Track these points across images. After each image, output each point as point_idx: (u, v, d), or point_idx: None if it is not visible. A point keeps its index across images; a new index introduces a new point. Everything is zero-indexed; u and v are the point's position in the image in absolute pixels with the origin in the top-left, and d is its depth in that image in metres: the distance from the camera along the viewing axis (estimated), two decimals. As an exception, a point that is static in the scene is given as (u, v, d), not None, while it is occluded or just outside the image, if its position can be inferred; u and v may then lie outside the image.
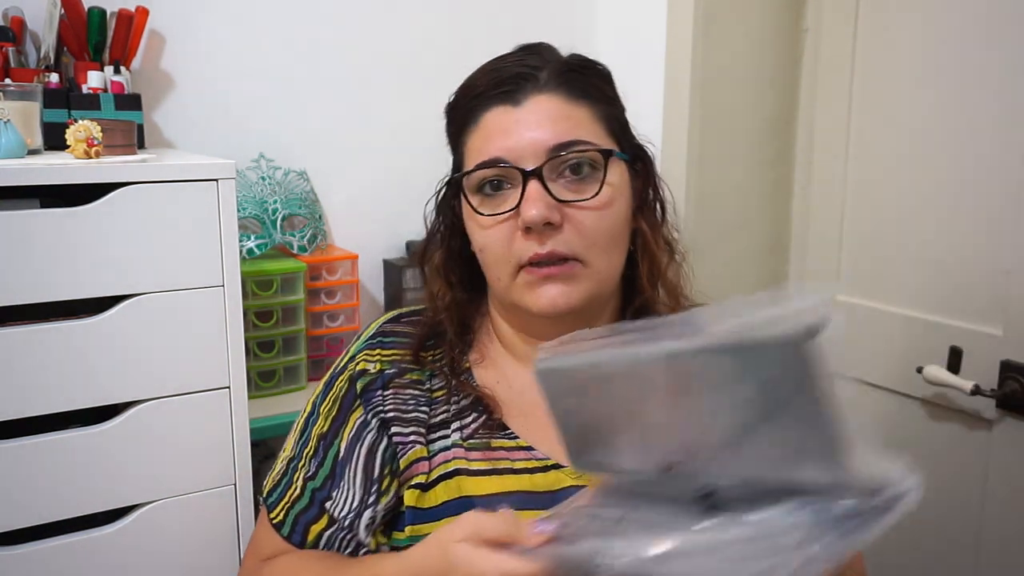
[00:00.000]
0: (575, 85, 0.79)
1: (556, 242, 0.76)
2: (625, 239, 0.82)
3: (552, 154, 0.76)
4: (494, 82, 0.79)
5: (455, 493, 0.80)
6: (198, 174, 1.00)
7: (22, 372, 0.92)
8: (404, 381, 0.85)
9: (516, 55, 0.81)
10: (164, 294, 0.99)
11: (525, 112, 0.77)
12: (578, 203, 0.76)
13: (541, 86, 0.78)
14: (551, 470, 0.81)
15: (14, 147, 0.96)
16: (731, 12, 1.57)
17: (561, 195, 0.76)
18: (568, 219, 0.76)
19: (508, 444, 0.82)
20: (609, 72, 0.84)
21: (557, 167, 0.77)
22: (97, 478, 0.97)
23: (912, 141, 1.46)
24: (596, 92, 0.81)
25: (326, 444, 0.85)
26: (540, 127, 0.76)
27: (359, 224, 1.56)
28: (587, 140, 0.77)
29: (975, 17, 1.35)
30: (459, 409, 0.84)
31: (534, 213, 0.74)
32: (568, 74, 0.79)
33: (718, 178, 1.62)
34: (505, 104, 0.78)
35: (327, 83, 1.50)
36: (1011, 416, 1.33)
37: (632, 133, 0.85)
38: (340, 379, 0.88)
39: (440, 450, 0.82)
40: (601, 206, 0.77)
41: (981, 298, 1.37)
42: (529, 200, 0.75)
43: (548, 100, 0.77)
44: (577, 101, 0.78)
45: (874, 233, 1.55)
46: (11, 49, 1.15)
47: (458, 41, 1.60)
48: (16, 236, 0.90)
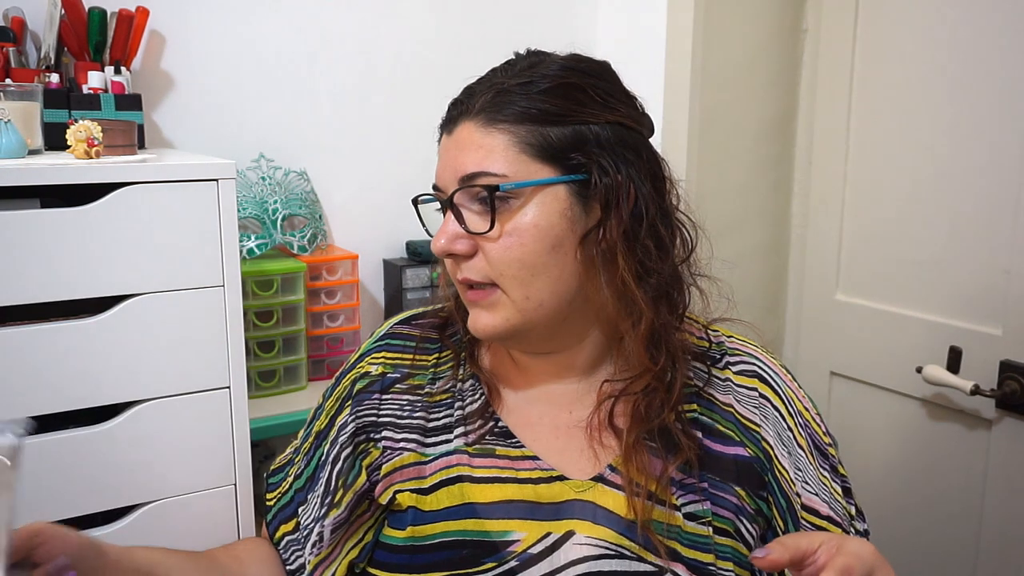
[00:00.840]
0: (501, 109, 0.75)
1: (467, 269, 0.78)
2: (560, 268, 0.76)
3: (461, 184, 0.76)
4: (446, 112, 0.81)
5: (458, 499, 0.80)
6: (198, 174, 1.00)
7: (22, 372, 0.92)
8: (404, 387, 0.86)
9: (487, 72, 0.81)
10: (164, 294, 0.99)
11: (452, 140, 0.79)
12: (479, 235, 0.76)
13: (469, 113, 0.77)
14: (555, 481, 0.80)
15: (14, 147, 0.96)
16: (731, 12, 1.57)
17: (472, 225, 0.77)
18: (480, 247, 0.77)
19: (513, 453, 0.82)
20: (577, 83, 0.77)
21: (471, 196, 0.77)
22: (97, 478, 0.97)
23: (912, 141, 1.46)
24: (529, 114, 0.75)
25: (318, 443, 0.88)
26: (458, 157, 0.77)
27: (359, 224, 1.56)
28: (491, 171, 0.75)
29: (975, 17, 1.35)
30: (464, 415, 0.84)
31: (436, 245, 0.78)
32: (499, 97, 0.76)
33: (718, 178, 1.62)
34: (445, 132, 0.81)
35: (327, 83, 1.50)
36: (1011, 416, 1.34)
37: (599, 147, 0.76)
38: (347, 378, 0.90)
39: (441, 455, 0.82)
40: (500, 238, 0.75)
41: (981, 298, 1.37)
42: (440, 231, 0.78)
43: (466, 128, 0.77)
44: (495, 127, 0.75)
45: (874, 233, 1.55)
46: (11, 49, 1.16)
47: (458, 41, 1.60)
48: (16, 236, 0.90)
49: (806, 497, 0.81)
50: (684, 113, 1.56)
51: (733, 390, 0.85)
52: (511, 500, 0.79)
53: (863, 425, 1.58)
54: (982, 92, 1.35)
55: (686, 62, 1.54)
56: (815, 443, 0.84)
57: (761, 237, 1.70)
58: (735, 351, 0.87)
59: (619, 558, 0.76)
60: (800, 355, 1.73)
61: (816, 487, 0.82)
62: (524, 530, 0.78)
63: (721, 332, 0.90)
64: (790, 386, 0.86)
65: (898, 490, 1.51)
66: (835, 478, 0.84)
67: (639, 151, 0.79)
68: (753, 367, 0.86)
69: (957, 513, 1.43)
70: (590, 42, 1.73)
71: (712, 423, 0.82)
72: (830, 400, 1.65)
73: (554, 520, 0.78)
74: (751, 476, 0.81)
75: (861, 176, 1.57)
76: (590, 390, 0.84)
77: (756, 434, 0.83)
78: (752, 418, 0.83)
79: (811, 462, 0.82)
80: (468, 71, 0.83)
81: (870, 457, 1.57)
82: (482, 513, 0.79)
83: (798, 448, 0.83)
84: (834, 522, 0.81)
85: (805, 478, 0.82)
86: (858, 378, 1.60)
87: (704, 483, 0.80)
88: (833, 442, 0.86)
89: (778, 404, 0.84)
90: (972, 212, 1.38)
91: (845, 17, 1.56)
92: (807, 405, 0.86)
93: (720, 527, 0.79)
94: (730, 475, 0.81)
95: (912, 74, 1.45)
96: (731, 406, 0.84)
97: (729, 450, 0.82)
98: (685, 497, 0.79)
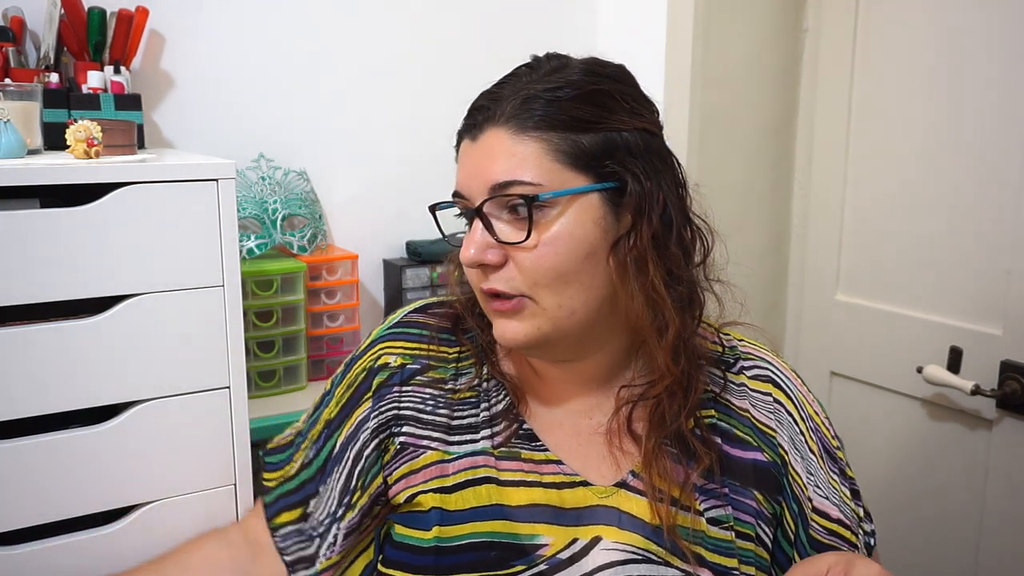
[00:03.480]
0: (531, 116, 0.74)
1: (496, 280, 0.76)
2: (592, 276, 0.76)
3: (492, 193, 0.74)
4: (467, 113, 0.79)
5: (486, 500, 0.80)
6: (198, 174, 0.99)
7: (22, 372, 0.92)
8: (426, 379, 0.85)
9: (508, 76, 0.79)
10: (164, 294, 0.99)
11: (477, 148, 0.76)
12: (513, 245, 0.74)
13: (496, 119, 0.75)
14: (579, 487, 0.80)
15: (14, 147, 0.96)
16: (731, 12, 1.57)
17: (503, 235, 0.75)
18: (512, 257, 0.75)
19: (538, 456, 0.82)
20: (606, 89, 0.76)
21: (502, 205, 0.75)
22: (97, 478, 0.97)
23: (912, 141, 1.46)
24: (560, 121, 0.74)
25: (328, 433, 0.86)
26: (485, 164, 0.75)
27: (359, 224, 1.56)
28: (524, 180, 0.73)
29: (975, 17, 1.35)
30: (490, 416, 0.84)
31: (466, 255, 0.75)
32: (528, 103, 0.74)
33: (718, 178, 1.62)
34: (467, 138, 0.78)
35: (327, 83, 1.50)
36: (1011, 416, 1.34)
37: (629, 154, 0.76)
38: (359, 364, 0.88)
39: (466, 454, 0.82)
40: (535, 247, 0.74)
41: (981, 298, 1.37)
42: (467, 240, 0.76)
43: (496, 135, 0.75)
44: (527, 134, 0.74)
45: (874, 233, 1.55)
46: (11, 49, 1.15)
47: (458, 41, 1.60)
48: (16, 236, 0.90)
49: (817, 501, 0.81)
50: (684, 113, 1.56)
51: (748, 395, 0.85)
52: (537, 504, 0.79)
53: (863, 425, 1.58)
54: (982, 92, 1.35)
55: (686, 62, 1.54)
56: (825, 447, 0.84)
57: (761, 237, 1.70)
58: (748, 355, 0.88)
59: (647, 563, 0.77)
60: (800, 355, 1.73)
61: (827, 491, 0.82)
62: (552, 535, 0.78)
63: (733, 336, 0.90)
64: (800, 390, 0.87)
65: (899, 490, 1.51)
66: (844, 481, 0.84)
67: (664, 156, 0.79)
68: (767, 372, 0.86)
69: (957, 513, 1.43)
70: (590, 42, 1.73)
71: (731, 428, 0.83)
72: (830, 400, 1.65)
73: (579, 525, 0.78)
74: (768, 481, 0.82)
75: (861, 176, 1.57)
76: (608, 396, 0.84)
77: (772, 439, 0.83)
78: (768, 423, 0.83)
79: (822, 466, 0.83)
80: (468, 71, 0.84)
81: (871, 457, 1.57)
82: (510, 515, 0.79)
83: (809, 452, 0.83)
84: (844, 525, 0.81)
85: (816, 482, 0.82)
86: (858, 378, 1.60)
87: (725, 488, 0.80)
88: (840, 445, 0.86)
89: (791, 409, 0.85)
90: (972, 212, 1.38)
91: (845, 17, 1.56)
92: (816, 409, 0.86)
93: (742, 531, 0.79)
94: (749, 480, 0.81)
95: (912, 74, 1.45)
96: (747, 411, 0.84)
97: (748, 455, 0.82)
98: (708, 502, 0.79)
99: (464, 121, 0.79)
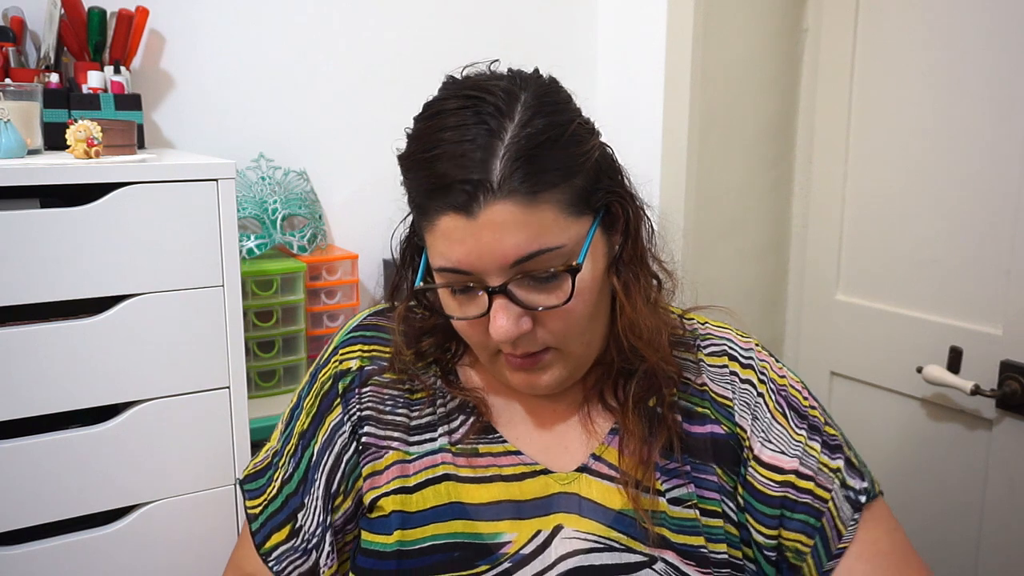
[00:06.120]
0: (530, 179, 0.68)
1: (528, 343, 0.74)
2: (603, 305, 0.77)
3: (517, 270, 0.70)
4: (441, 187, 0.69)
5: (445, 498, 0.79)
6: (198, 174, 1.00)
7: (22, 372, 0.92)
8: (384, 380, 0.85)
9: (458, 128, 0.70)
10: (164, 294, 0.99)
11: (480, 226, 0.68)
12: (548, 309, 0.72)
13: (495, 191, 0.67)
14: (540, 475, 0.80)
15: (14, 147, 0.96)
16: (731, 12, 1.57)
17: (529, 301, 0.71)
18: (539, 319, 0.73)
19: (496, 449, 0.82)
20: (569, 120, 0.71)
21: (523, 275, 0.71)
22: (97, 478, 0.97)
23: (912, 141, 1.46)
24: (558, 173, 0.69)
25: (304, 444, 0.85)
26: (499, 242, 0.68)
27: (359, 224, 1.56)
28: (547, 248, 0.69)
29: (975, 17, 1.35)
30: (446, 412, 0.83)
31: (502, 334, 0.71)
32: (519, 165, 0.67)
33: (718, 178, 1.62)
34: (459, 214, 0.68)
35: (327, 83, 1.50)
36: (1011, 416, 1.33)
37: (604, 175, 0.75)
38: (324, 373, 0.87)
39: (425, 454, 0.82)
40: (573, 305, 0.72)
41: (981, 298, 1.37)
42: (496, 318, 0.71)
43: (502, 210, 0.67)
44: (536, 199, 0.68)
45: (874, 233, 1.55)
46: (11, 49, 1.15)
47: (458, 41, 1.60)
48: (16, 236, 0.90)
49: (767, 455, 0.80)
50: (684, 113, 1.56)
51: (706, 369, 0.85)
52: (499, 501, 0.79)
53: (863, 425, 1.58)
54: (982, 92, 1.35)
55: (686, 62, 1.54)
56: (791, 404, 0.83)
57: (761, 237, 1.70)
58: (707, 335, 0.88)
59: (608, 551, 0.76)
60: (800, 355, 1.73)
61: (781, 445, 0.80)
62: (515, 530, 0.77)
63: (696, 320, 0.90)
64: (766, 360, 0.86)
65: (898, 490, 1.51)
66: (813, 436, 0.81)
67: (610, 157, 0.78)
68: (723, 347, 0.86)
69: (958, 513, 1.43)
70: (590, 42, 1.73)
71: (691, 406, 0.83)
72: (830, 400, 1.65)
73: (541, 516, 0.78)
74: (726, 453, 0.81)
75: (861, 176, 1.57)
76: (573, 383, 0.83)
77: (730, 410, 0.83)
78: (725, 394, 0.83)
79: (784, 423, 0.81)
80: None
81: (870, 457, 1.56)
82: (472, 514, 0.78)
83: (766, 412, 0.82)
84: (801, 475, 0.79)
85: (768, 437, 0.81)
86: (858, 378, 1.60)
87: (687, 466, 0.80)
88: (817, 405, 0.84)
89: (748, 375, 0.84)
90: (972, 212, 1.38)
91: (845, 17, 1.56)
92: (784, 374, 0.85)
93: (708, 508, 0.79)
94: (708, 455, 0.81)
95: (912, 74, 1.45)
96: (705, 385, 0.84)
97: (705, 428, 0.82)
98: (669, 482, 0.79)
99: (435, 194, 0.70)
